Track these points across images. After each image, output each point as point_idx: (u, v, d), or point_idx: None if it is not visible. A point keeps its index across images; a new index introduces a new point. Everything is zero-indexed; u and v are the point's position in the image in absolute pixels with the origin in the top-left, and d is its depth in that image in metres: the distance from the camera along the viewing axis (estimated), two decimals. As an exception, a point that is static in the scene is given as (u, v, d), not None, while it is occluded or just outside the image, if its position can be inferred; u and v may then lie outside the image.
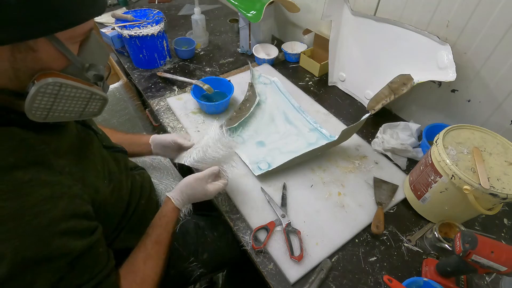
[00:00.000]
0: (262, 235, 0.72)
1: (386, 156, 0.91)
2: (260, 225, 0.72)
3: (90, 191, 0.46)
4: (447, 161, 0.64)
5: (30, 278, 0.36)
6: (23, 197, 0.36)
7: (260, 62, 1.28)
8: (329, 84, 1.19)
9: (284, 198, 0.78)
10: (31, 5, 0.32)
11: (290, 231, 0.71)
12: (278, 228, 0.72)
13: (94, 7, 0.39)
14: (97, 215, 0.48)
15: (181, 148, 0.78)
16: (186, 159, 0.73)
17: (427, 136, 0.88)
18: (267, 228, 0.72)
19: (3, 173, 0.36)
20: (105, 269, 0.46)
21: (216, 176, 0.71)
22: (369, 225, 0.74)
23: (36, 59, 0.37)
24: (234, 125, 0.94)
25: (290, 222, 0.72)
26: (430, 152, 0.70)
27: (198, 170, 0.72)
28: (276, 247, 0.69)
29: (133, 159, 0.81)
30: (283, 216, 0.74)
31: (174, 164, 0.98)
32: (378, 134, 0.94)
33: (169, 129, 0.98)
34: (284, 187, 0.81)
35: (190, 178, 0.68)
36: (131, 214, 0.63)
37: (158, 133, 0.83)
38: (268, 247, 0.69)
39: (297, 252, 0.68)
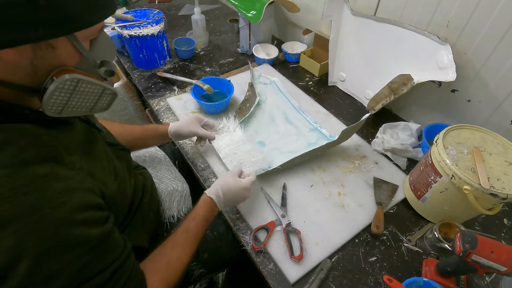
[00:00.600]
0: (262, 235, 0.72)
1: (386, 156, 0.91)
2: (260, 225, 0.72)
3: (99, 185, 0.48)
4: (447, 161, 0.64)
5: (56, 267, 0.38)
6: (41, 191, 0.38)
7: (260, 62, 1.28)
8: (329, 84, 1.19)
9: (284, 198, 0.78)
10: (56, 7, 0.35)
11: (290, 231, 0.71)
12: (278, 228, 0.73)
13: (108, 8, 0.41)
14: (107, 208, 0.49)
15: (198, 121, 0.85)
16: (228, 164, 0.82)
17: (427, 136, 0.88)
18: (267, 228, 0.72)
19: (21, 168, 0.37)
20: (125, 251, 0.48)
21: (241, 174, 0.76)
22: (369, 225, 0.74)
23: (54, 56, 0.39)
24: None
25: (290, 222, 0.72)
26: (430, 152, 0.70)
27: (196, 167, 0.75)
28: (276, 247, 0.70)
29: (134, 158, 0.81)
30: (283, 216, 0.74)
31: (174, 163, 0.98)
32: (378, 134, 0.94)
33: (169, 129, 0.98)
34: (284, 187, 0.81)
35: (226, 175, 0.72)
36: (134, 212, 0.64)
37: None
38: (268, 247, 0.69)
39: (297, 252, 0.68)
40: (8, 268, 0.35)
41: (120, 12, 1.31)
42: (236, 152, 0.84)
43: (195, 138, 0.87)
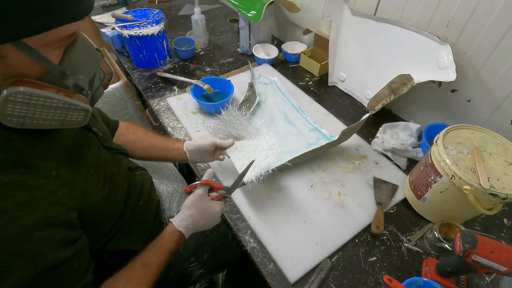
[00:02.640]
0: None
1: (386, 156, 0.91)
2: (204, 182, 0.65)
3: (77, 196, 0.45)
4: (447, 161, 0.64)
5: None
6: (1, 200, 0.35)
7: (260, 62, 1.28)
8: (329, 84, 1.19)
9: (241, 177, 0.69)
10: None
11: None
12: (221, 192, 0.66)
13: (68, 10, 0.35)
14: (86, 220, 0.47)
15: (217, 149, 0.76)
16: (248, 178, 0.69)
17: (427, 136, 0.88)
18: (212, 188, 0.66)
19: None
20: (77, 286, 0.44)
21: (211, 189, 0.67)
22: (369, 225, 0.74)
23: (5, 66, 0.35)
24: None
25: (227, 197, 0.67)
26: (430, 152, 0.70)
27: (196, 168, 0.71)
28: (281, 247, 0.69)
29: (134, 160, 0.81)
30: (228, 191, 0.67)
31: (175, 164, 0.98)
32: (378, 134, 0.94)
33: (169, 129, 0.98)
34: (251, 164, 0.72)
35: (190, 198, 0.63)
36: (128, 215, 0.62)
37: (159, 133, 0.83)
38: (274, 246, 0.69)
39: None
40: None
41: (120, 12, 1.32)
42: (247, 153, 0.77)
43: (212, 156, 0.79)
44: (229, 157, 0.76)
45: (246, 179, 0.69)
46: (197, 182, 0.64)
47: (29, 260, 0.37)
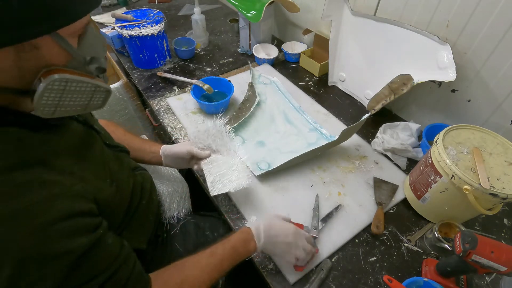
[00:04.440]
0: None
1: (386, 156, 0.91)
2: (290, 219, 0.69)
3: (92, 190, 0.46)
4: (447, 161, 0.64)
5: (35, 277, 0.37)
6: (23, 198, 0.37)
7: (260, 62, 1.28)
8: (329, 84, 1.19)
9: (329, 216, 0.75)
10: (33, 5, 0.33)
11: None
12: None
13: (92, 1, 0.40)
14: (100, 214, 0.48)
15: (193, 158, 0.78)
16: (216, 188, 0.72)
17: (427, 136, 0.88)
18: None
19: (2, 174, 0.36)
20: (118, 259, 0.46)
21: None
22: (369, 225, 0.74)
23: (39, 57, 0.38)
24: (234, 125, 0.94)
25: (316, 238, 0.70)
26: (430, 152, 0.70)
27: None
28: None
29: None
30: (315, 228, 0.71)
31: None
32: (378, 134, 0.94)
33: (169, 129, 0.98)
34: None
35: (270, 216, 0.65)
36: (132, 214, 0.63)
37: (159, 133, 0.82)
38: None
39: (301, 263, 0.65)
40: None
41: (120, 12, 1.32)
42: (220, 169, 0.77)
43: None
44: (202, 169, 0.77)
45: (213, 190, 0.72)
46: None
47: (61, 249, 0.38)
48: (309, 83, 1.20)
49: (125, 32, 1.09)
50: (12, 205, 0.36)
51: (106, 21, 1.51)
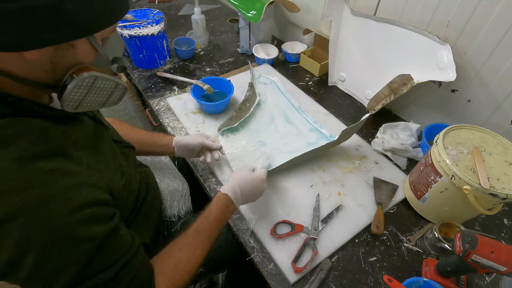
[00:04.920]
0: (282, 229, 0.72)
1: (386, 156, 0.91)
2: (288, 220, 0.72)
3: (107, 181, 0.48)
4: (447, 161, 0.64)
5: (63, 261, 0.39)
6: (48, 185, 0.38)
7: (260, 62, 1.28)
8: (329, 84, 1.19)
9: (330, 217, 0.75)
10: (82, 10, 0.36)
11: (308, 244, 0.70)
12: (302, 235, 0.71)
13: (125, 10, 0.43)
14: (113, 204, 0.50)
15: (202, 149, 0.82)
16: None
17: (427, 136, 0.88)
18: (292, 226, 0.71)
19: (29, 162, 0.38)
20: (132, 248, 0.49)
21: None
22: (369, 225, 0.74)
23: (73, 55, 0.41)
24: (234, 125, 0.94)
25: (316, 239, 0.70)
26: (430, 152, 0.70)
27: (196, 167, 0.72)
28: (286, 247, 0.69)
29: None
30: (315, 229, 0.72)
31: (174, 163, 0.98)
32: (378, 134, 0.94)
33: (169, 129, 0.98)
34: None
35: (239, 171, 0.70)
36: (138, 209, 0.64)
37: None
38: (274, 246, 0.69)
39: (300, 264, 0.66)
40: (17, 260, 0.37)
41: (120, 12, 1.31)
42: (241, 154, 0.87)
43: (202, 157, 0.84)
44: (224, 153, 0.85)
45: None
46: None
47: (85, 235, 0.41)
48: (309, 83, 1.20)
49: (125, 32, 1.09)
50: (39, 192, 0.37)
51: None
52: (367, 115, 0.79)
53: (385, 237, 0.73)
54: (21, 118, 0.40)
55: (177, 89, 1.13)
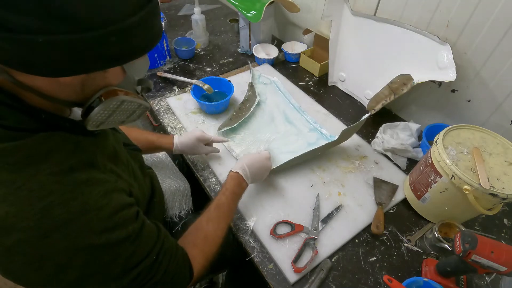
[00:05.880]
0: (282, 229, 0.72)
1: (386, 156, 0.91)
2: (288, 220, 0.73)
3: (127, 186, 0.51)
4: (447, 161, 0.64)
5: (108, 259, 0.42)
6: (86, 195, 0.41)
7: (260, 62, 1.28)
8: (329, 84, 1.19)
9: (329, 217, 0.75)
10: (125, 42, 0.37)
11: (308, 244, 0.70)
12: (302, 235, 0.72)
13: (160, 37, 0.44)
14: None
15: (200, 143, 0.84)
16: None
17: (427, 136, 0.88)
18: (292, 227, 0.72)
19: (68, 174, 0.40)
20: (161, 233, 0.52)
21: None
22: (369, 225, 0.74)
23: (104, 78, 0.42)
24: (234, 125, 0.94)
25: (316, 239, 0.71)
26: (430, 152, 0.70)
27: (196, 167, 0.73)
28: (286, 247, 0.69)
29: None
30: (315, 229, 0.72)
31: (174, 162, 0.98)
32: (378, 134, 0.94)
33: (169, 129, 0.98)
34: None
35: (246, 155, 0.77)
36: (147, 211, 0.65)
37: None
38: (274, 246, 0.69)
39: (300, 264, 0.66)
40: (66, 264, 0.39)
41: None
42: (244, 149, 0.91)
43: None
44: (227, 140, 0.90)
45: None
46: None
47: (124, 234, 0.44)
48: (309, 83, 1.20)
49: (125, 32, 1.09)
50: (79, 202, 0.40)
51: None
52: (367, 115, 0.79)
53: (385, 237, 0.73)
54: (53, 132, 0.41)
55: (177, 89, 1.13)
